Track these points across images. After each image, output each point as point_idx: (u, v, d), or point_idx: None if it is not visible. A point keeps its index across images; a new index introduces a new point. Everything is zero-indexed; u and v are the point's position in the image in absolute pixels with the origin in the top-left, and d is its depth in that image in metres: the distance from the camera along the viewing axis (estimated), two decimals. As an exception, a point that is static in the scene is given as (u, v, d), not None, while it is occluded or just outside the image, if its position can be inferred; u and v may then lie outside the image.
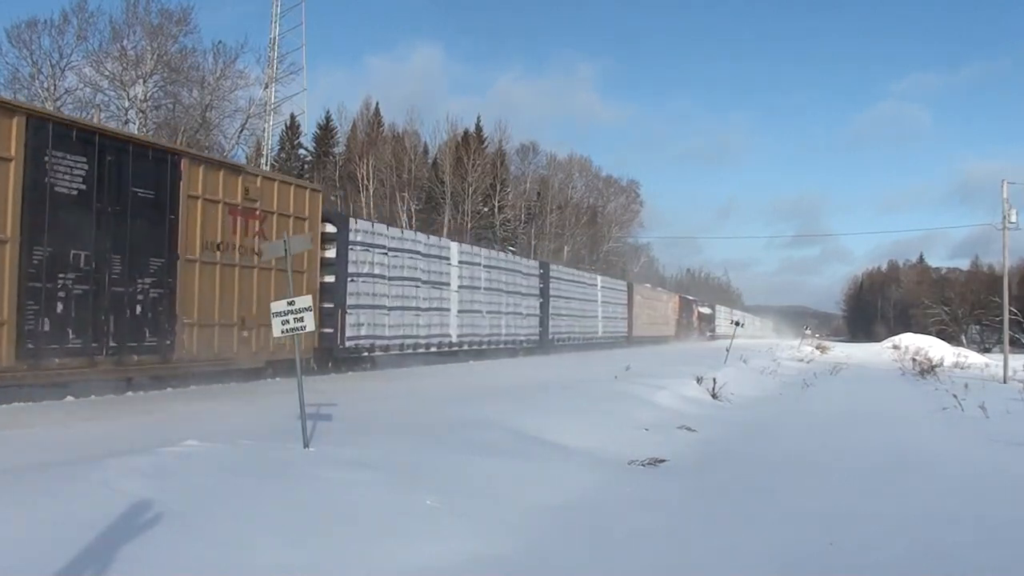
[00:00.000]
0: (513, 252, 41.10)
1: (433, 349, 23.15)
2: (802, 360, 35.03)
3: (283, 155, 52.85)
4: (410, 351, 21.70)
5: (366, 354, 19.78)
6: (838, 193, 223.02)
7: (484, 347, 26.40)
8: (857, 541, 6.41)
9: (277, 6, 43.22)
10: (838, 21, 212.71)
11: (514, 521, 6.53)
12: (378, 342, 20.02)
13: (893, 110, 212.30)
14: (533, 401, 12.37)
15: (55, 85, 36.73)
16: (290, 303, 7.92)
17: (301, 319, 7.88)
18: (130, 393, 12.36)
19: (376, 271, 19.91)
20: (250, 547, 5.18)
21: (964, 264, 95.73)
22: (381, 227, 21.14)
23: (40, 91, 36.58)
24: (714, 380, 17.27)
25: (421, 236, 23.48)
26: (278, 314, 7.94)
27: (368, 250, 19.61)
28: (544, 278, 32.69)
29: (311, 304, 8.02)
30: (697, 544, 6.26)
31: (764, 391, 20.38)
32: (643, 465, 9.26)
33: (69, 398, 11.50)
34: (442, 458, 7.90)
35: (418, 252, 22.28)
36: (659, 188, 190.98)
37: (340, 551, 5.39)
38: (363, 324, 19.18)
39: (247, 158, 45.70)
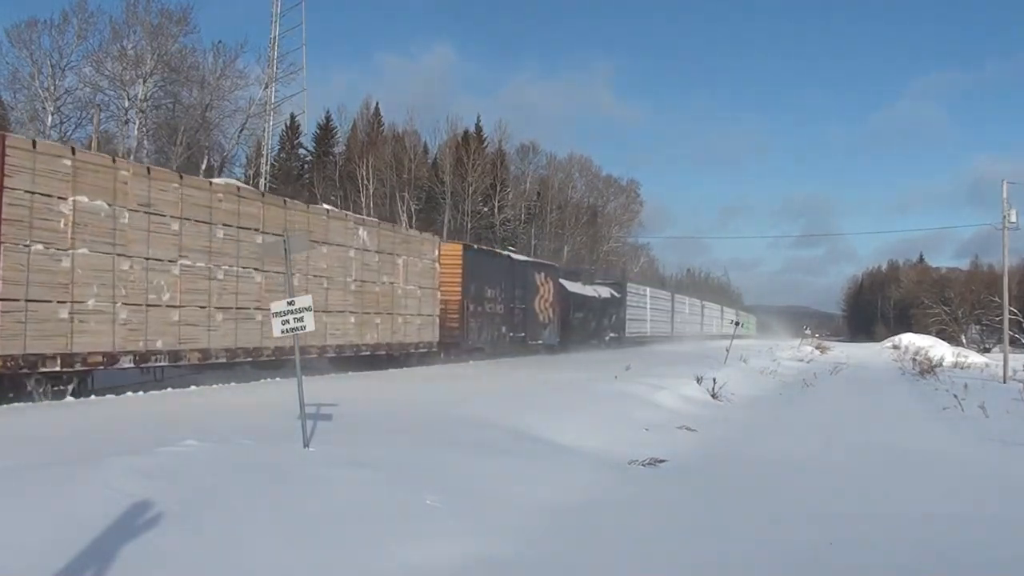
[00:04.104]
0: (513, 251, 40.71)
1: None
2: (802, 360, 35.03)
3: (283, 155, 52.87)
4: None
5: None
6: (847, 193, 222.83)
7: None
8: (857, 541, 6.41)
9: (277, 6, 43.17)
10: (848, 21, 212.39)
11: (514, 521, 6.53)
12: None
13: (905, 110, 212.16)
14: (533, 400, 12.37)
15: (55, 85, 36.74)
16: (290, 303, 7.91)
17: (301, 319, 7.87)
18: (129, 393, 12.36)
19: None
20: (249, 547, 5.18)
21: (965, 264, 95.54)
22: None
23: (40, 91, 36.60)
24: (714, 380, 17.27)
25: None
26: (278, 314, 7.93)
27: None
28: None
29: (311, 304, 8.01)
30: (697, 544, 6.25)
31: (764, 391, 20.38)
32: (643, 465, 9.26)
33: (69, 398, 11.49)
34: (442, 458, 7.90)
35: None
36: (666, 188, 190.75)
37: (340, 551, 5.39)
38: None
39: (247, 158, 45.74)
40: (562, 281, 34.65)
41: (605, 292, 42.04)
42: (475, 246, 28.71)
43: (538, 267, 32.09)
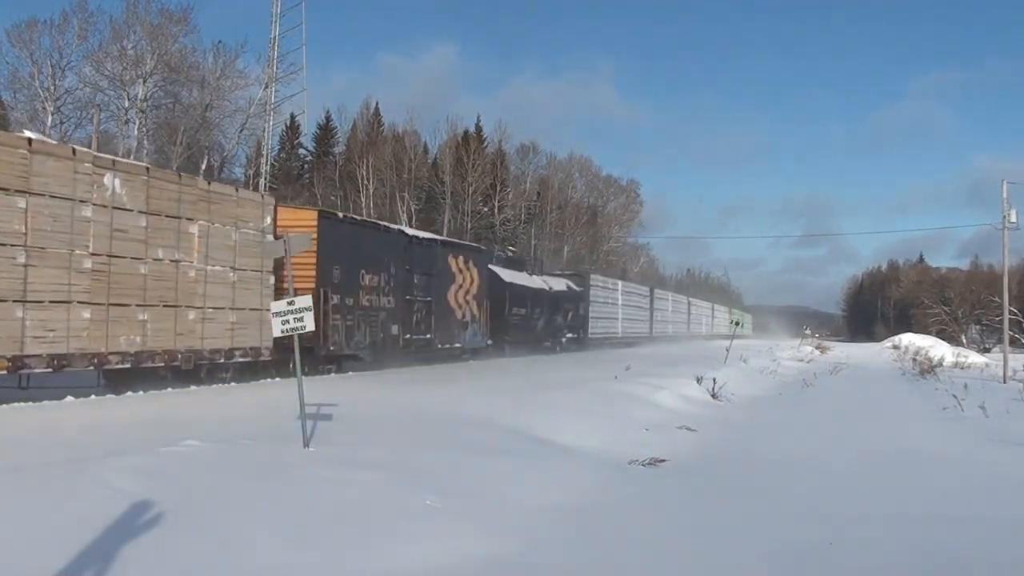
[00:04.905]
0: (513, 251, 40.54)
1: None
2: (802, 360, 35.05)
3: (283, 155, 52.88)
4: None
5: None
6: (847, 193, 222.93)
7: None
8: (857, 541, 6.41)
9: (277, 6, 43.14)
10: (848, 21, 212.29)
11: (514, 521, 6.53)
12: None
13: (906, 110, 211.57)
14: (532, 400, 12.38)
15: (55, 85, 36.76)
16: (290, 303, 7.91)
17: (301, 319, 7.88)
18: (130, 393, 12.35)
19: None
20: (250, 547, 5.18)
21: (965, 264, 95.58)
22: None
23: (40, 91, 36.61)
24: (714, 380, 17.27)
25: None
26: (278, 314, 7.94)
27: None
28: None
29: (311, 304, 8.01)
30: (697, 544, 6.25)
31: (764, 391, 20.39)
32: (643, 465, 9.26)
33: (69, 398, 11.49)
34: (442, 458, 7.90)
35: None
36: (666, 188, 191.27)
37: (340, 551, 5.40)
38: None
39: (247, 158, 45.76)
40: (495, 268, 28.22)
41: (559, 284, 34.65)
42: (341, 215, 20.57)
43: (454, 249, 24.93)
